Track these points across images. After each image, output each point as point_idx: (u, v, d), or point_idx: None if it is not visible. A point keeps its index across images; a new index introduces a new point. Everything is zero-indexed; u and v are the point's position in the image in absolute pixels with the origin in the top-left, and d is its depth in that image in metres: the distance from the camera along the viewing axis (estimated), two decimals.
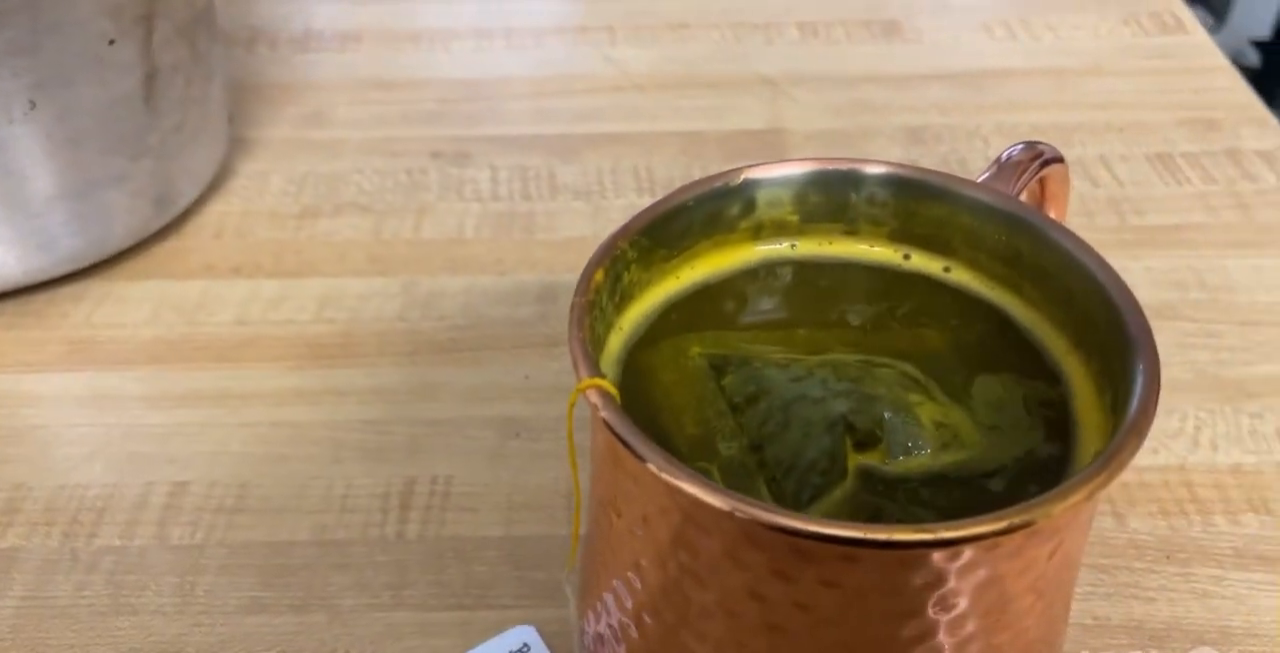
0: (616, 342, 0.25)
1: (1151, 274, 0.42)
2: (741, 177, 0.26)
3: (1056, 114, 0.50)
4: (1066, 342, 0.25)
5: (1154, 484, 0.34)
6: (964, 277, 0.26)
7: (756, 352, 0.25)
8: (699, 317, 0.26)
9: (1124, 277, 0.24)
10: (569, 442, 0.23)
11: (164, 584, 0.32)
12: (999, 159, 0.27)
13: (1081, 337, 0.24)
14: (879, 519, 0.22)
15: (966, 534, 0.19)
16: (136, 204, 0.41)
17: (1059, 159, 0.27)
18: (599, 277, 0.23)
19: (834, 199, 0.27)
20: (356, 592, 0.32)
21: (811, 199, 0.27)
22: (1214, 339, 0.39)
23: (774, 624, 0.21)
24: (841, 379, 0.24)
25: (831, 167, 0.27)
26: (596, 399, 0.21)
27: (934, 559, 0.19)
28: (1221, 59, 0.54)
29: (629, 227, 0.25)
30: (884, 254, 0.27)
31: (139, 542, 0.33)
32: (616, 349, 0.24)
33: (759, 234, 0.27)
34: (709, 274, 0.26)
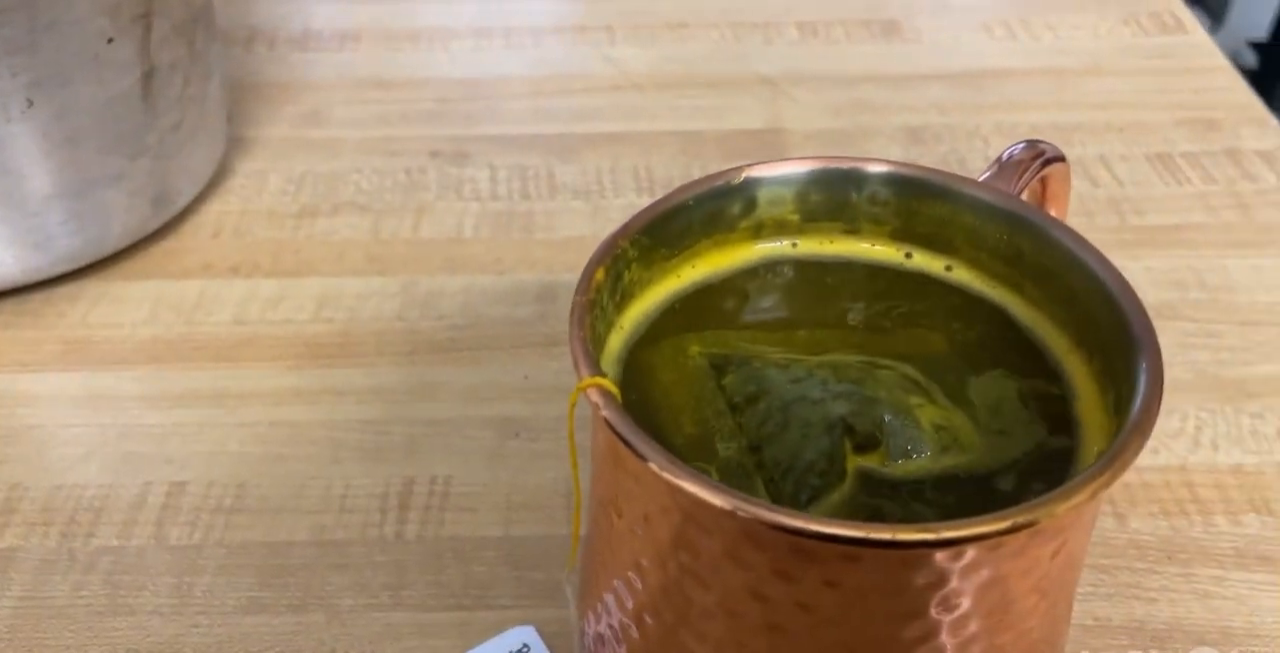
0: (617, 341, 0.25)
1: (1151, 274, 0.42)
2: (742, 175, 0.26)
3: (1056, 114, 0.50)
4: (1068, 341, 0.25)
5: (1155, 484, 0.34)
6: (965, 276, 0.26)
7: (757, 351, 0.25)
8: (700, 316, 0.26)
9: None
10: (570, 441, 0.23)
11: (162, 584, 0.32)
12: (1000, 158, 0.27)
13: (1083, 336, 0.24)
14: (879, 520, 0.22)
15: (970, 534, 0.19)
16: (134, 203, 0.41)
17: (1060, 158, 0.27)
18: (600, 275, 0.23)
19: (835, 198, 0.27)
20: (355, 592, 0.32)
21: (812, 198, 0.27)
22: (1214, 339, 0.39)
23: (775, 625, 0.21)
24: (842, 380, 0.24)
25: (833, 165, 0.26)
26: (598, 398, 0.21)
27: (937, 559, 0.19)
28: (1221, 59, 0.54)
29: (630, 225, 0.25)
30: (885, 253, 0.27)
31: (136, 542, 0.33)
32: (617, 348, 0.24)
33: (760, 233, 0.27)
34: (710, 273, 0.26)
